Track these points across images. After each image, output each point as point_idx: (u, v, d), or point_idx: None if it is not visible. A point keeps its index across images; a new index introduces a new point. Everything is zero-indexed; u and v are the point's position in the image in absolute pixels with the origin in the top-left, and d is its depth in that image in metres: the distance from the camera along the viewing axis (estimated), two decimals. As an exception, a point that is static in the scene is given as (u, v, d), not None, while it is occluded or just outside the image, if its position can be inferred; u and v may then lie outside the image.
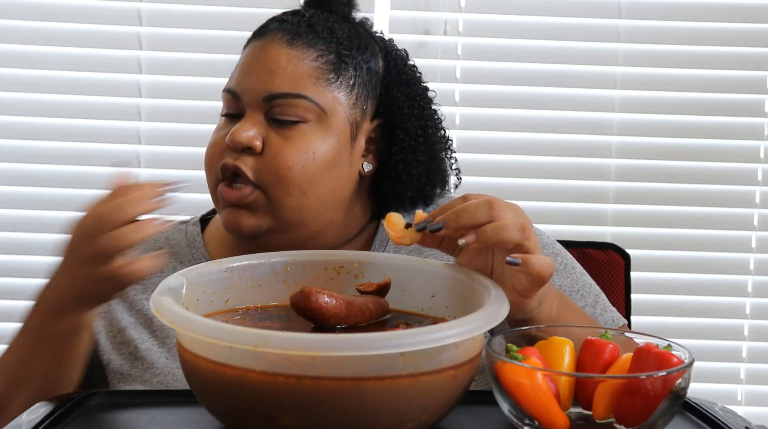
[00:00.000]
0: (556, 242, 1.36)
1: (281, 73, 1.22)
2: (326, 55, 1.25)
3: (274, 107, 1.22)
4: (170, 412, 0.97)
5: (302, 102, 1.22)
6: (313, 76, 1.23)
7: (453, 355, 0.85)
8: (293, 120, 1.22)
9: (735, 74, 2.21)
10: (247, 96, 1.24)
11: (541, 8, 2.18)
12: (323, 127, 1.23)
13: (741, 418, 0.96)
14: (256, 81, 1.23)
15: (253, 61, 1.26)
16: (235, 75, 1.27)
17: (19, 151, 2.17)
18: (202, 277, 1.01)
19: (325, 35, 1.26)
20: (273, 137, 1.22)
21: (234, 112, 1.26)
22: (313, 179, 1.22)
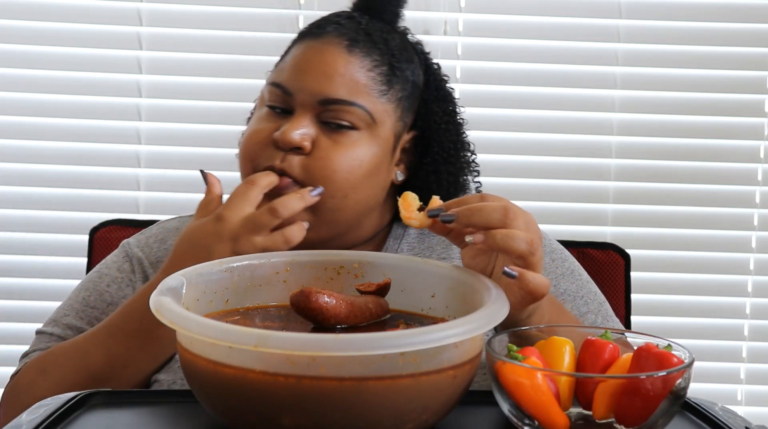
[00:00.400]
0: (564, 249, 1.37)
1: (339, 79, 1.23)
2: (381, 66, 1.26)
3: (328, 111, 1.23)
4: (170, 412, 0.97)
5: (356, 110, 1.23)
6: (368, 86, 1.24)
7: (453, 355, 0.85)
8: (345, 126, 1.23)
9: (735, 74, 2.21)
10: (301, 96, 1.24)
11: (541, 8, 2.18)
12: (371, 136, 1.25)
13: (741, 418, 0.96)
14: (312, 82, 1.23)
15: (310, 61, 1.25)
16: (287, 71, 1.26)
17: (19, 151, 2.17)
18: (202, 277, 1.01)
19: (381, 46, 1.27)
20: (322, 139, 1.23)
21: (281, 106, 1.26)
22: (355, 185, 1.23)
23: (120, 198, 2.18)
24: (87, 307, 1.32)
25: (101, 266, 1.37)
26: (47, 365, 1.22)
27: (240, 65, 2.16)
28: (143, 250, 1.35)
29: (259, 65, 2.16)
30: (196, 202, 1.61)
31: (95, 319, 1.30)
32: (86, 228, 1.69)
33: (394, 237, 1.35)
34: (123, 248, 1.37)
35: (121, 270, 1.34)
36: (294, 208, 1.15)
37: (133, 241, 1.37)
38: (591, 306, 1.31)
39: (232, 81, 2.17)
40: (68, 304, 1.34)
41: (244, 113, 2.14)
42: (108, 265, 1.36)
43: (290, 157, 1.22)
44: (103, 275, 1.34)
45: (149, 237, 1.37)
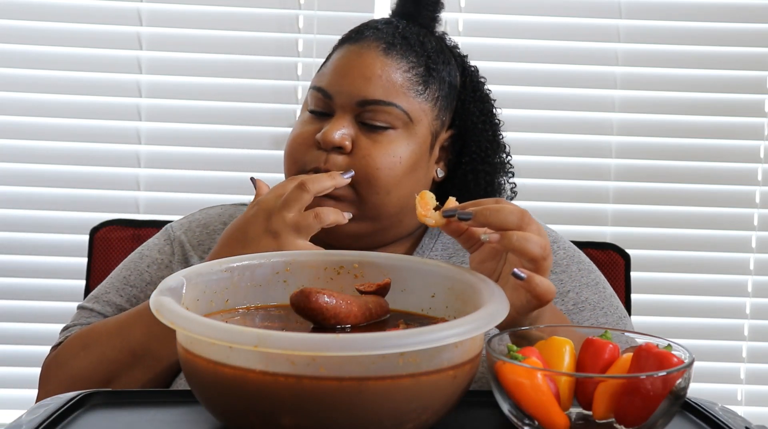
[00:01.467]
0: (591, 263, 1.40)
1: (376, 81, 1.27)
2: (417, 67, 1.30)
3: (366, 112, 1.27)
4: (170, 412, 0.97)
5: (393, 110, 1.27)
6: (405, 86, 1.28)
7: (453, 355, 0.85)
8: (383, 126, 1.27)
9: (735, 74, 2.21)
10: (340, 98, 1.28)
11: (541, 8, 2.18)
12: (409, 134, 1.29)
13: (741, 418, 0.96)
14: (351, 85, 1.28)
15: (349, 65, 1.29)
16: (328, 75, 1.31)
17: (19, 151, 2.17)
18: (202, 277, 1.01)
19: (417, 48, 1.32)
20: (362, 139, 1.27)
21: (323, 110, 1.30)
22: (397, 182, 1.27)
23: (120, 198, 2.18)
24: (127, 285, 1.35)
25: (143, 247, 1.41)
26: (89, 341, 1.24)
27: (240, 65, 2.17)
28: (186, 233, 1.39)
29: (259, 65, 2.18)
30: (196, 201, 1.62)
31: (134, 298, 1.34)
32: (86, 228, 1.69)
33: (430, 236, 1.39)
34: (166, 231, 1.41)
35: (161, 252, 1.37)
36: (324, 186, 1.19)
37: (176, 225, 1.42)
38: (610, 318, 1.31)
39: (232, 81, 2.17)
40: (109, 283, 1.38)
41: (244, 113, 2.16)
42: (150, 247, 1.40)
43: (333, 157, 1.26)
44: (144, 256, 1.38)
45: (192, 221, 1.41)
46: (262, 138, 2.17)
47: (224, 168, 2.18)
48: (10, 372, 2.22)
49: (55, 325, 2.17)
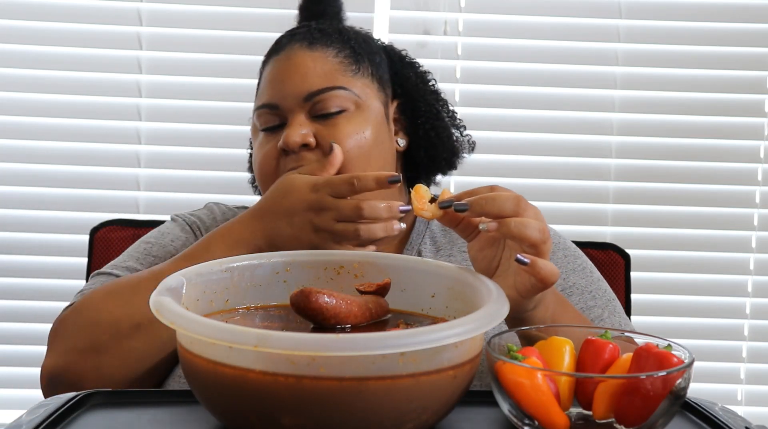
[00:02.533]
0: (578, 249, 1.42)
1: (312, 73, 1.31)
2: (343, 50, 1.34)
3: (316, 104, 1.30)
4: (170, 412, 0.97)
5: (340, 92, 1.31)
6: (340, 70, 1.32)
7: (453, 355, 0.85)
8: (336, 111, 1.30)
9: (735, 74, 2.21)
10: (287, 102, 1.31)
11: (541, 8, 2.18)
12: (362, 111, 1.32)
13: (741, 418, 0.96)
14: (292, 85, 1.31)
15: (281, 71, 1.33)
16: (266, 90, 1.34)
17: (19, 151, 2.17)
18: (202, 277, 1.01)
19: (336, 35, 1.36)
20: (322, 130, 1.29)
21: (274, 124, 1.33)
22: (368, 157, 1.30)
23: (120, 198, 2.18)
24: (149, 256, 1.34)
25: (159, 230, 1.40)
26: (119, 288, 1.20)
27: (240, 65, 2.17)
28: (196, 217, 1.42)
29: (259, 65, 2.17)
30: (196, 201, 1.61)
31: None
32: (86, 228, 1.69)
33: (417, 232, 1.41)
34: (175, 221, 1.42)
35: (184, 230, 1.39)
36: (379, 216, 1.15)
37: (182, 215, 1.43)
38: (599, 301, 1.32)
39: (232, 81, 2.17)
40: (128, 254, 1.36)
41: (244, 113, 2.15)
42: (168, 228, 1.40)
43: (304, 156, 1.28)
44: (165, 234, 1.38)
45: (193, 214, 1.43)
46: (262, 138, 2.17)
47: (224, 168, 2.18)
48: (10, 372, 2.22)
49: (55, 325, 2.18)
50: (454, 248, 1.39)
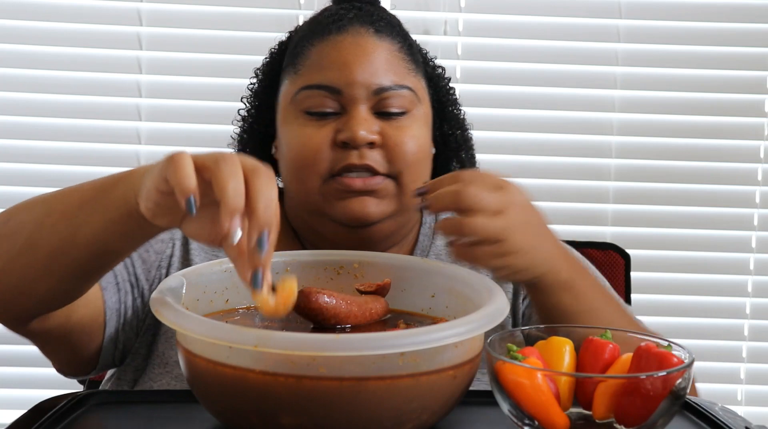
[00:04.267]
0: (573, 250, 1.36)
1: (385, 66, 1.23)
2: (403, 44, 1.27)
3: (382, 100, 1.22)
4: (170, 412, 0.97)
5: (406, 93, 1.23)
6: (404, 66, 1.25)
7: (453, 355, 0.85)
8: (399, 111, 1.23)
9: (735, 74, 2.21)
10: (353, 90, 1.21)
11: (541, 8, 2.18)
12: (419, 114, 1.25)
13: (741, 418, 0.96)
14: (362, 73, 1.21)
15: (348, 53, 1.22)
16: (325, 69, 1.22)
17: (19, 151, 2.17)
18: (202, 277, 1.01)
19: (397, 27, 1.29)
20: (387, 129, 1.21)
21: (329, 110, 1.22)
22: (425, 164, 1.25)
23: (120, 198, 2.17)
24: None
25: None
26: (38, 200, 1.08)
27: (240, 65, 2.16)
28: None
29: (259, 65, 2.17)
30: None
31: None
32: (86, 228, 1.68)
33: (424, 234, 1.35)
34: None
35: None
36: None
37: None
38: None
39: (232, 81, 2.17)
40: None
41: (244, 113, 2.15)
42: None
43: (367, 153, 1.20)
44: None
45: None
46: (262, 138, 2.17)
47: (224, 168, 2.18)
48: (10, 372, 2.22)
49: (55, 325, 2.17)
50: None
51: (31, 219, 1.03)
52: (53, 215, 1.01)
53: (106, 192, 0.97)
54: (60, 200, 1.03)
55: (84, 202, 0.99)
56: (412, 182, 1.21)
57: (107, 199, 0.96)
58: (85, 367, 1.24)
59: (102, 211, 0.96)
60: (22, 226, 1.03)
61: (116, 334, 1.21)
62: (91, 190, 0.99)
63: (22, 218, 1.04)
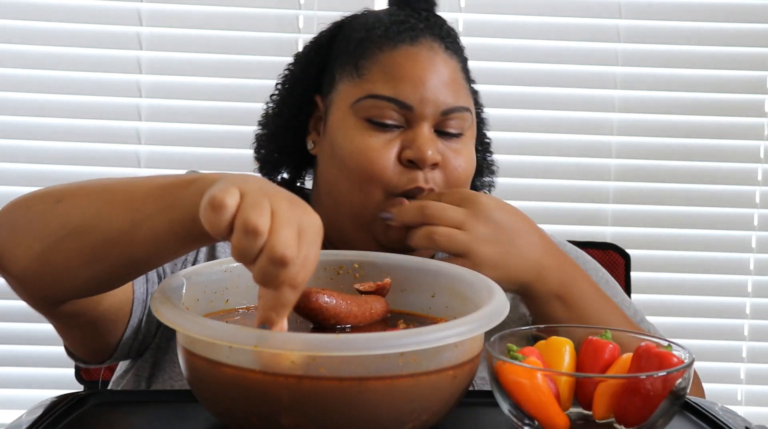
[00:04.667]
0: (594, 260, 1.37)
1: (454, 86, 1.20)
2: (464, 62, 1.25)
3: (446, 120, 1.19)
4: (170, 412, 0.97)
5: (467, 115, 1.21)
6: (465, 87, 1.23)
7: (453, 355, 0.85)
8: (456, 133, 1.21)
9: (735, 74, 2.21)
10: (425, 108, 1.18)
11: (541, 8, 2.18)
12: (471, 136, 1.24)
13: (741, 418, 0.96)
14: (434, 92, 1.18)
15: (422, 68, 1.19)
16: (398, 83, 1.18)
17: (19, 151, 2.17)
18: (202, 277, 1.01)
19: (458, 43, 1.25)
20: (446, 150, 1.19)
21: (394, 122, 1.19)
22: (470, 183, 1.24)
23: (120, 198, 2.17)
24: None
25: None
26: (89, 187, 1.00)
27: (240, 65, 2.17)
28: None
29: (259, 65, 2.17)
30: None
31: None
32: (86, 228, 1.68)
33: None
34: None
35: None
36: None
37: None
38: (628, 311, 1.30)
39: (232, 81, 2.17)
40: None
41: (243, 113, 2.16)
42: None
43: (431, 176, 1.18)
44: None
45: None
46: (262, 138, 2.17)
47: (225, 168, 2.18)
48: (10, 372, 2.22)
49: (55, 325, 2.17)
50: None
51: (87, 204, 0.96)
52: (113, 205, 0.94)
53: (174, 192, 0.91)
54: (122, 190, 0.96)
55: (150, 197, 0.92)
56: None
57: (176, 199, 0.90)
58: (102, 355, 1.20)
59: (167, 210, 0.91)
60: (76, 210, 0.96)
61: (138, 326, 1.18)
62: (158, 188, 0.93)
63: (78, 202, 0.97)
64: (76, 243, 0.95)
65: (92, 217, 0.94)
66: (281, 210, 0.80)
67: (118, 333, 1.17)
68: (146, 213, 0.91)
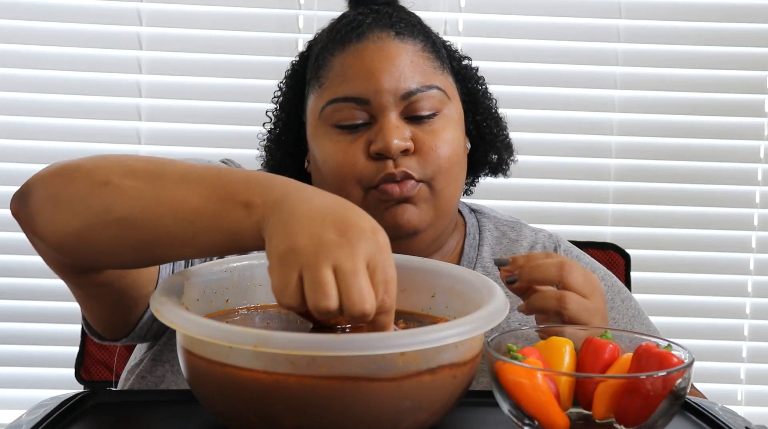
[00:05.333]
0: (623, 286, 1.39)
1: (409, 68, 1.20)
2: (426, 43, 1.24)
3: (411, 104, 1.20)
4: (170, 412, 0.97)
5: (435, 93, 1.21)
6: (429, 66, 1.23)
7: (453, 355, 0.85)
8: (429, 113, 1.21)
9: (735, 74, 2.21)
10: (381, 98, 1.19)
11: (541, 8, 2.18)
12: (451, 113, 1.24)
13: (741, 418, 0.96)
14: (388, 80, 1.19)
15: (371, 61, 1.20)
16: (351, 81, 1.20)
17: (19, 151, 2.17)
18: (202, 277, 1.01)
19: (417, 26, 1.26)
20: (419, 134, 1.20)
21: (359, 121, 1.21)
22: (460, 165, 1.24)
23: (120, 198, 2.17)
24: None
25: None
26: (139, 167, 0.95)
27: (240, 65, 2.17)
28: None
29: (259, 65, 2.17)
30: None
31: None
32: (86, 228, 1.68)
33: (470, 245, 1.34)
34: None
35: None
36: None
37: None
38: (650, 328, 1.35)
39: (232, 81, 2.17)
40: None
41: (243, 113, 2.16)
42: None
43: (403, 162, 1.19)
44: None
45: None
46: (262, 138, 2.17)
47: (224, 168, 2.18)
48: (10, 372, 2.22)
49: (56, 325, 2.18)
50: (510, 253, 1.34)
51: (135, 196, 0.92)
52: (162, 206, 0.90)
53: (229, 214, 0.87)
54: (172, 187, 0.91)
55: (203, 212, 0.88)
56: (447, 185, 1.21)
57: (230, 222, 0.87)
58: (119, 333, 1.18)
59: (219, 232, 0.88)
60: (123, 199, 0.92)
61: None
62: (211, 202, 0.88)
63: (125, 191, 0.92)
64: (121, 231, 0.92)
65: (140, 213, 0.91)
66: (343, 261, 0.79)
67: (139, 310, 1.16)
68: (198, 227, 0.89)
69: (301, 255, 0.80)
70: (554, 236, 1.40)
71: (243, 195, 0.87)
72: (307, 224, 0.81)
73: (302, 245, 0.80)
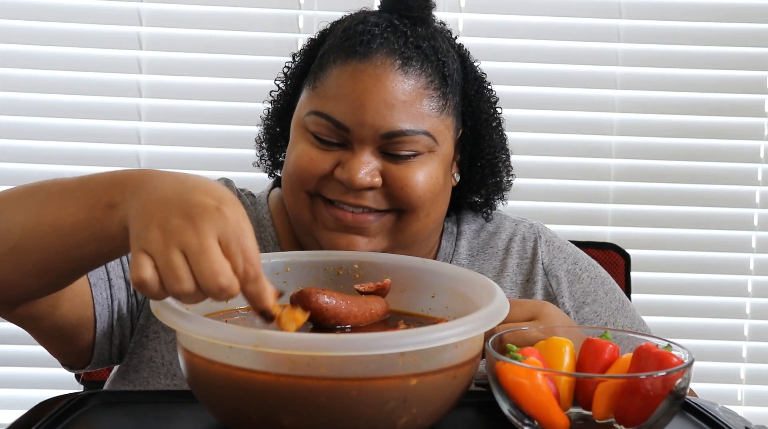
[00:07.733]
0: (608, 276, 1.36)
1: (401, 108, 1.14)
2: (435, 80, 1.18)
3: (393, 143, 1.15)
4: (170, 412, 0.97)
5: (421, 137, 1.16)
6: (428, 106, 1.16)
7: (453, 355, 0.85)
8: (408, 154, 1.16)
9: (735, 74, 2.21)
10: (362, 131, 1.14)
11: (541, 8, 2.18)
12: (435, 154, 1.18)
13: (741, 418, 0.96)
14: (374, 115, 1.14)
15: (365, 92, 1.14)
16: (339, 102, 1.15)
17: (19, 151, 2.17)
18: (202, 277, 1.00)
19: (431, 55, 1.19)
20: (392, 169, 1.16)
21: (335, 140, 1.16)
22: (435, 202, 1.19)
23: (120, 198, 2.17)
24: None
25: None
26: (18, 191, 1.00)
27: (240, 65, 2.17)
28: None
29: (259, 65, 2.17)
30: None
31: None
32: (86, 228, 1.68)
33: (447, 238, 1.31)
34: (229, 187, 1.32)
35: None
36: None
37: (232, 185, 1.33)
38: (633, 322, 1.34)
39: (231, 81, 2.17)
40: None
41: (243, 113, 2.16)
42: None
43: (367, 195, 1.16)
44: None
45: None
46: (262, 138, 2.17)
47: (225, 168, 2.18)
48: (10, 372, 2.22)
49: (55, 325, 2.17)
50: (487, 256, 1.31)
51: (21, 221, 0.95)
52: (44, 226, 0.93)
53: (99, 222, 0.89)
54: (49, 210, 0.94)
55: (78, 225, 0.91)
56: (416, 220, 1.18)
57: (102, 228, 0.89)
58: (80, 360, 1.21)
59: (95, 241, 0.91)
60: (13, 226, 0.95)
61: (110, 330, 1.19)
62: (84, 211, 0.90)
63: (13, 217, 0.96)
64: (17, 259, 0.95)
65: (27, 238, 0.94)
66: (189, 242, 0.80)
67: (86, 337, 1.17)
68: (79, 239, 0.91)
69: (151, 244, 0.81)
70: (535, 226, 1.35)
71: (107, 197, 0.89)
72: (157, 213, 0.83)
73: (152, 235, 0.82)
